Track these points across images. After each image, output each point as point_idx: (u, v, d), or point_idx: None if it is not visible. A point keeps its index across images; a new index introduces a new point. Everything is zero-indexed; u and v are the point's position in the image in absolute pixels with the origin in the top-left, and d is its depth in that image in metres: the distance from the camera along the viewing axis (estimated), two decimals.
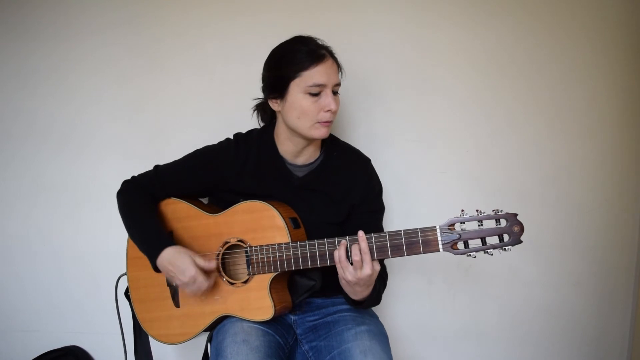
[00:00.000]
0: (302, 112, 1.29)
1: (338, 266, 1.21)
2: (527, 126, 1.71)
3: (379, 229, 1.43)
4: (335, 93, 1.31)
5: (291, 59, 1.28)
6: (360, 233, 1.19)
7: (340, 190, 1.39)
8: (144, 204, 1.40)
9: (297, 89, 1.27)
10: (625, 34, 1.66)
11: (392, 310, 1.79)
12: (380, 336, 1.29)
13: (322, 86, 1.27)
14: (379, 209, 1.44)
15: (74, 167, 1.88)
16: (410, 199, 1.75)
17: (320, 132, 1.31)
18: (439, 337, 1.81)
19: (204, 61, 1.78)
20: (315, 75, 1.26)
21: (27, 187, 1.91)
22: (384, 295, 1.71)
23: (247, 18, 1.74)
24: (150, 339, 1.46)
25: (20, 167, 1.90)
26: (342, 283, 1.23)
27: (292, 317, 1.42)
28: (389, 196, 1.48)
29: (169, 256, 1.29)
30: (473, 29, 1.70)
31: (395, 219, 1.70)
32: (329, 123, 1.30)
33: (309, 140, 1.36)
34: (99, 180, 1.84)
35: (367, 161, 1.46)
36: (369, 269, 1.17)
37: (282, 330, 1.36)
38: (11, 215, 1.93)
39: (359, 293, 1.24)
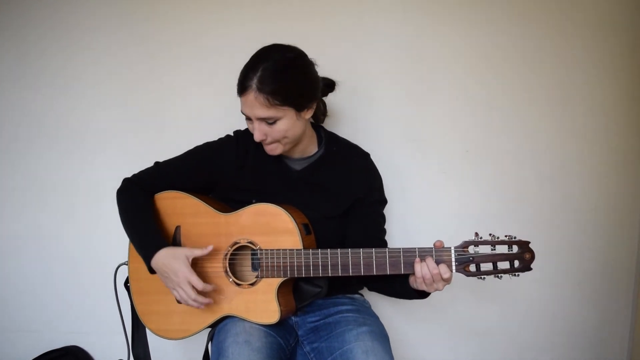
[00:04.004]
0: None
1: (427, 282, 1.20)
2: (527, 126, 1.73)
3: (381, 218, 1.47)
4: (271, 123, 1.27)
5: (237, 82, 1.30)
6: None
7: (340, 184, 1.42)
8: (143, 204, 1.39)
9: None
10: (625, 34, 1.69)
11: (392, 311, 1.81)
12: (382, 337, 1.30)
13: (247, 115, 1.29)
14: (382, 200, 1.47)
15: (73, 164, 1.86)
16: (410, 199, 1.77)
17: (266, 150, 1.35)
18: (439, 338, 1.84)
19: (204, 59, 1.77)
20: (241, 104, 1.29)
21: (27, 186, 1.88)
22: (382, 299, 1.73)
23: (248, 17, 1.75)
24: (149, 333, 1.44)
25: (18, 165, 1.88)
26: (421, 284, 1.22)
27: (293, 318, 1.43)
28: (389, 196, 1.48)
29: (163, 258, 1.29)
30: (473, 29, 1.71)
31: (395, 219, 1.71)
32: (268, 145, 1.33)
33: None
34: (99, 178, 1.83)
35: (366, 155, 1.49)
36: (448, 274, 1.19)
37: (283, 332, 1.36)
38: (10, 215, 1.90)
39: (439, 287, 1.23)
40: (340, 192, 1.41)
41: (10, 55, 1.82)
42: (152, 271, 1.33)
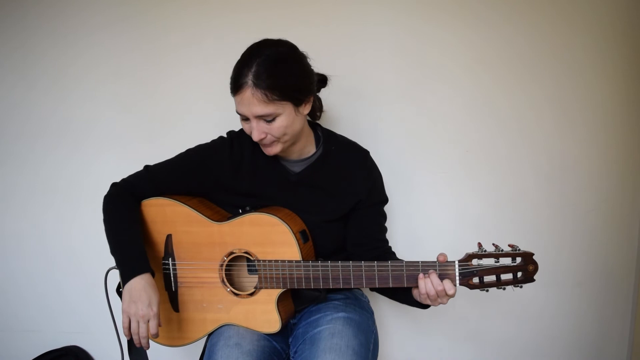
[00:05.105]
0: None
1: (431, 298, 1.19)
2: (527, 126, 1.70)
3: (383, 217, 1.43)
4: (269, 121, 1.20)
5: (230, 81, 1.22)
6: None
7: (340, 185, 1.36)
8: (130, 215, 1.32)
9: None
10: (625, 34, 1.64)
11: (391, 312, 1.83)
12: (359, 324, 1.29)
13: (243, 115, 1.22)
14: (383, 199, 1.43)
15: (71, 164, 1.83)
16: (410, 199, 1.74)
17: (264, 150, 1.28)
18: (438, 339, 1.86)
19: (203, 59, 1.72)
20: (236, 103, 1.22)
21: (27, 186, 1.86)
22: (382, 300, 1.76)
23: (246, 16, 1.67)
24: None
25: (17, 164, 1.85)
26: (425, 299, 1.21)
27: (291, 321, 1.42)
28: (390, 196, 1.45)
29: (146, 283, 1.22)
30: (473, 29, 1.66)
31: (395, 220, 1.69)
32: (267, 145, 1.26)
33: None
34: (101, 178, 1.73)
35: (366, 153, 1.42)
36: (453, 290, 1.18)
37: (281, 336, 1.36)
38: (10, 215, 1.88)
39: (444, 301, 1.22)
40: (341, 194, 1.36)
41: (15, 57, 1.79)
42: (123, 285, 1.25)
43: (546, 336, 1.83)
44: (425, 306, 1.28)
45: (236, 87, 1.19)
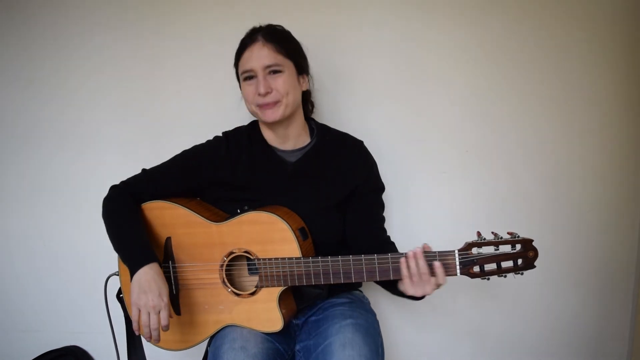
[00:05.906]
0: (245, 98, 1.34)
1: (414, 280, 1.18)
2: (527, 126, 1.70)
3: (380, 206, 1.44)
4: (274, 72, 1.29)
5: (236, 52, 1.36)
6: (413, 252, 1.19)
7: (336, 172, 1.38)
8: (131, 212, 1.33)
9: (240, 78, 1.36)
10: (626, 33, 1.65)
11: (392, 311, 1.82)
12: (366, 329, 1.27)
13: (251, 71, 1.30)
14: (380, 187, 1.44)
15: (73, 167, 1.86)
16: (410, 199, 1.74)
17: (265, 115, 1.32)
18: (438, 337, 1.85)
19: (203, 61, 1.75)
20: (244, 63, 1.32)
21: (27, 187, 1.88)
22: (383, 297, 1.75)
23: (246, 18, 1.66)
24: (146, 344, 1.41)
25: (20, 167, 1.87)
26: (408, 284, 1.20)
27: (294, 321, 1.41)
28: (389, 196, 1.46)
29: (155, 273, 1.22)
30: (473, 28, 1.67)
31: (395, 220, 1.69)
32: (269, 105, 1.30)
33: (280, 125, 1.35)
34: (99, 180, 1.77)
35: (360, 143, 1.45)
36: (443, 279, 1.18)
37: (283, 337, 1.35)
38: (11, 215, 1.90)
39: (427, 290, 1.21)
40: (337, 181, 1.37)
41: (19, 61, 1.82)
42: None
43: (547, 335, 1.81)
44: (421, 298, 1.26)
45: (244, 45, 1.31)
